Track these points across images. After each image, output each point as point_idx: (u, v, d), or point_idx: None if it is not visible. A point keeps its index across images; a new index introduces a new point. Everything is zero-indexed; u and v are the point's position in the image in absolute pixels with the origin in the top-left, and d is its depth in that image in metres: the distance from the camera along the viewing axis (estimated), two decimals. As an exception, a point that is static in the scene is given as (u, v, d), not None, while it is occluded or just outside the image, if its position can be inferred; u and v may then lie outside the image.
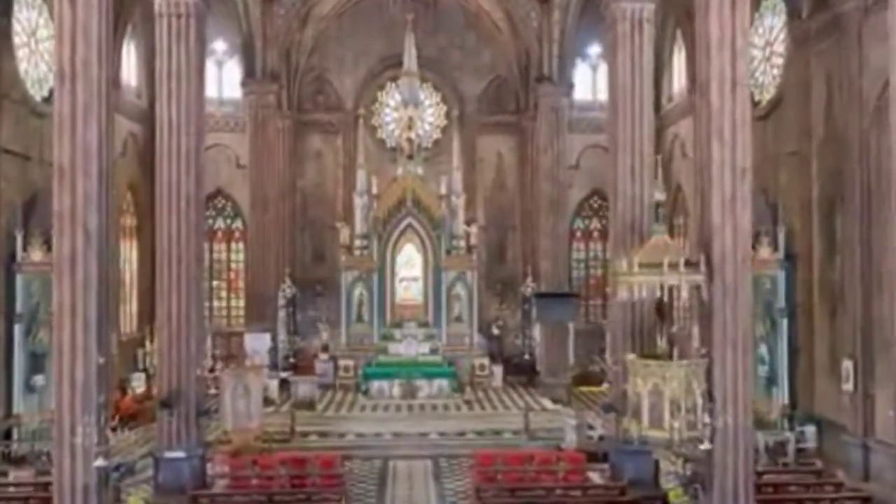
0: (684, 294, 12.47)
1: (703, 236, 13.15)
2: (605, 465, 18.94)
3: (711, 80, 13.10)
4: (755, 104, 24.86)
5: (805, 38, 21.13)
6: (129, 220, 29.94)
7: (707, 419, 12.22)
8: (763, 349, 21.54)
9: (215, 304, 33.42)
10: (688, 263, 12.75)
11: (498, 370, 29.48)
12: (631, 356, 13.39)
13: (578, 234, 34.11)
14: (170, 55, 17.23)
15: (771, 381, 21.34)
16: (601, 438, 21.32)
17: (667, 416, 12.26)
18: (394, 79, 33.38)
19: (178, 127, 17.29)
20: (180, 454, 17.07)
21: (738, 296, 12.89)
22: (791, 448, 19.95)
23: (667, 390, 12.25)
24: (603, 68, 34.03)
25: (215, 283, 33.55)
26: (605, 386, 17.32)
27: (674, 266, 12.62)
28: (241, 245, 33.05)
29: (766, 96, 23.83)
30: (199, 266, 17.96)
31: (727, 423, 12.05)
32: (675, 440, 12.29)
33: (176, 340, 17.22)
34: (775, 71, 23.50)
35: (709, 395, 12.56)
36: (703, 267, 12.82)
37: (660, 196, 13.83)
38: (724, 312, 12.87)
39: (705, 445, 11.82)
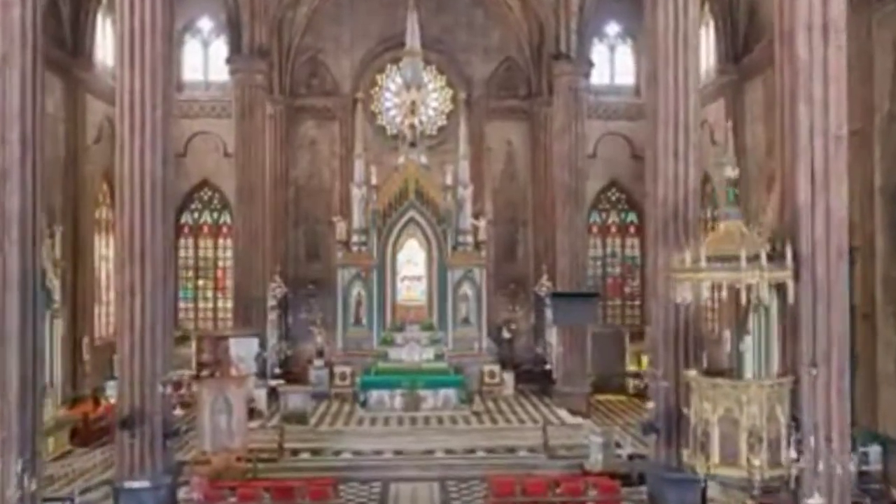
0: (764, 294, 9.82)
1: (787, 222, 10.50)
2: (642, 490, 16.66)
3: (797, 26, 10.46)
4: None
5: (865, 1, 18.52)
6: (105, 214, 27.58)
7: (794, 454, 9.55)
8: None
9: (201, 305, 31.50)
10: (769, 257, 10.09)
11: (509, 378, 27.10)
12: (692, 373, 10.73)
13: (595, 229, 31.49)
14: (132, 11, 14.53)
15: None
16: (631, 458, 19.15)
17: (744, 449, 9.63)
18: (395, 61, 31.04)
19: (143, 98, 14.64)
20: (144, 483, 14.66)
21: (831, 296, 10.25)
22: (853, 471, 17.35)
23: (744, 418, 9.60)
24: (622, 49, 31.95)
25: (201, 282, 31.59)
26: (650, 405, 14.69)
27: (752, 259, 9.96)
28: (228, 241, 30.54)
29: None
30: (168, 262, 15.29)
31: (827, 462, 9.40)
32: (755, 480, 9.65)
33: (139, 349, 14.74)
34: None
35: (794, 424, 9.91)
36: (788, 261, 10.16)
37: (731, 172, 11.12)
38: (813, 318, 10.23)
39: (815, 501, 9.15)
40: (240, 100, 26.45)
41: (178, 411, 14.35)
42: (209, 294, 31.47)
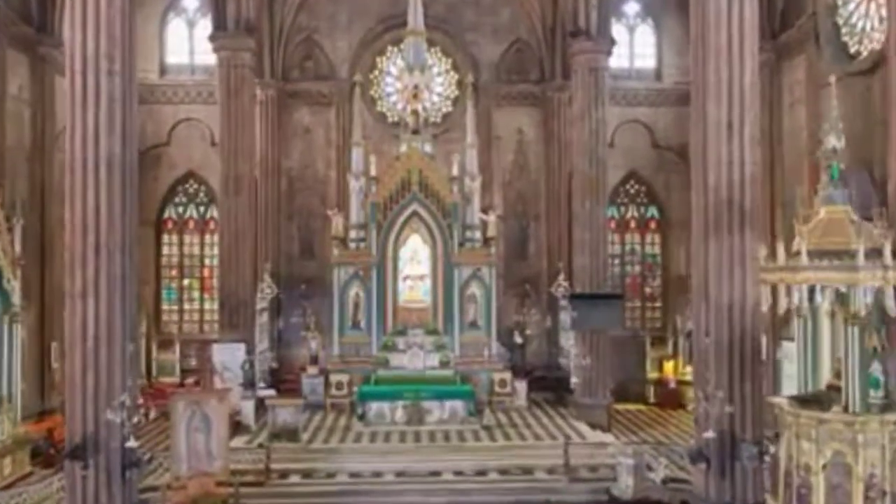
0: (891, 303, 7.46)
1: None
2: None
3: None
4: (852, 56, 20.20)
5: None
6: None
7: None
8: (876, 369, 16.61)
9: (186, 306, 29.35)
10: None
11: (521, 387, 24.75)
12: (782, 401, 8.38)
13: (612, 224, 29.04)
14: (83, -41, 12.19)
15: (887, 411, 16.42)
16: (665, 482, 17.13)
17: (860, 506, 7.28)
18: (396, 42, 28.79)
19: (97, 62, 12.30)
20: (99, 523, 12.22)
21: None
22: None
23: (860, 465, 7.25)
24: (642, 30, 29.81)
25: (186, 281, 29.41)
26: (708, 434, 12.32)
27: (871, 256, 7.61)
28: (216, 237, 28.20)
29: (869, 46, 19.18)
30: (130, 260, 12.93)
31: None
32: (878, 548, 7.33)
33: (93, 364, 12.42)
34: (882, 12, 18.81)
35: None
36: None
37: (836, 142, 8.70)
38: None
39: None
40: (225, 81, 24.02)
41: (133, 443, 11.97)
42: (195, 295, 29.28)
